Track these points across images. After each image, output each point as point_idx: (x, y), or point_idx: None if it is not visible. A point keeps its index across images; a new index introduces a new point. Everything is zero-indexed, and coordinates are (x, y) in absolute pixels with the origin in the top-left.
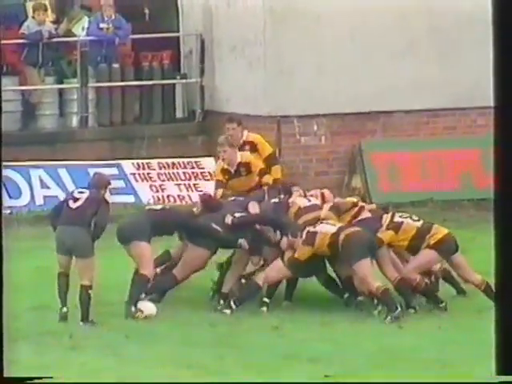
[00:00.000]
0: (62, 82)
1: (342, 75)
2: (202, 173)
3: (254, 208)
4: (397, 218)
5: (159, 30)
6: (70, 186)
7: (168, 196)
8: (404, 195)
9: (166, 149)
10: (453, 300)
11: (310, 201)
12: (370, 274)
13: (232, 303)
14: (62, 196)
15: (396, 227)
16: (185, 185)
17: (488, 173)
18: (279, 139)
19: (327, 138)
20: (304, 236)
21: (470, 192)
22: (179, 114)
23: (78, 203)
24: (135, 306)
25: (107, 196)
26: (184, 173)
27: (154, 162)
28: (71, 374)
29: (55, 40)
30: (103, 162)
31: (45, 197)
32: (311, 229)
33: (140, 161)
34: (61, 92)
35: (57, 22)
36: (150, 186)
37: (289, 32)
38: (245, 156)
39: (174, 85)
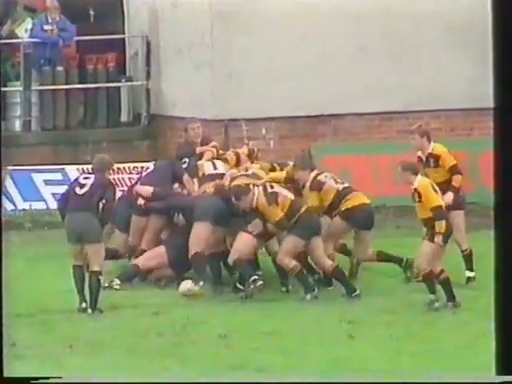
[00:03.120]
0: (4, 85)
1: (293, 78)
2: None
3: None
4: (320, 177)
5: (104, 32)
6: (13, 192)
7: None
8: (402, 199)
9: (110, 153)
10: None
11: (215, 168)
12: (289, 252)
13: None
14: (5, 202)
15: (318, 187)
16: None
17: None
18: (227, 143)
19: (276, 142)
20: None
21: None
22: (124, 117)
23: (85, 189)
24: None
25: (111, 178)
26: (129, 178)
27: None
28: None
29: None
30: (47, 166)
31: None
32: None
33: (84, 166)
34: (3, 95)
35: (0, 23)
36: None
37: (237, 34)
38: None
39: (119, 88)
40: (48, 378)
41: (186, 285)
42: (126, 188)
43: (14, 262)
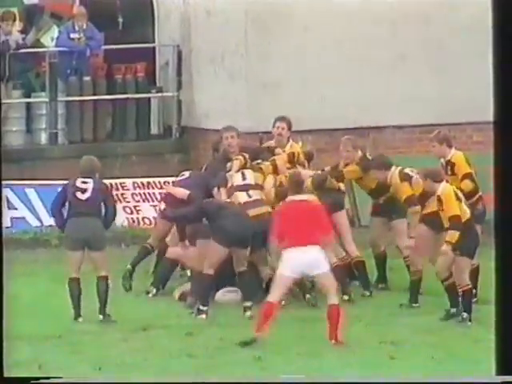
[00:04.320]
0: (29, 96)
1: (329, 88)
2: None
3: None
4: (406, 170)
5: (133, 41)
6: (39, 207)
7: (143, 218)
8: None
9: (140, 167)
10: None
11: (244, 178)
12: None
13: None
14: (29, 218)
15: (409, 178)
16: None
17: (490, 193)
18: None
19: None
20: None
21: None
22: (155, 130)
23: (87, 194)
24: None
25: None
26: (160, 193)
27: (129, 182)
28: None
29: (22, 51)
30: None
31: (12, 218)
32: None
33: (113, 180)
34: (28, 106)
35: (24, 31)
36: (124, 208)
37: (272, 42)
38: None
39: (149, 99)
40: (48, 378)
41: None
42: (156, 203)
43: (41, 280)
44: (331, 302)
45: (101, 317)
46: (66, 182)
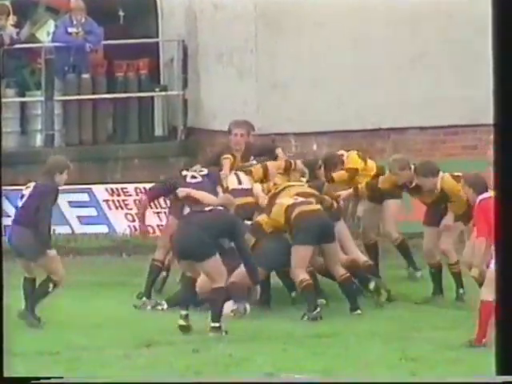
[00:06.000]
0: (24, 95)
1: (345, 87)
2: None
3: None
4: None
5: (136, 35)
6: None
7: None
8: (415, 225)
9: (143, 171)
10: None
11: (240, 182)
12: (300, 264)
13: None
14: None
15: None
16: (165, 213)
17: None
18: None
19: None
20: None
21: None
22: (158, 131)
23: (23, 200)
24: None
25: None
26: (164, 199)
27: (131, 187)
28: None
29: (17, 46)
30: (72, 186)
31: (5, 226)
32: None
33: (114, 185)
34: (23, 106)
35: (18, 25)
36: (126, 215)
37: (283, 38)
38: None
39: (152, 98)
40: (48, 378)
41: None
42: (161, 209)
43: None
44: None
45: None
46: (63, 187)
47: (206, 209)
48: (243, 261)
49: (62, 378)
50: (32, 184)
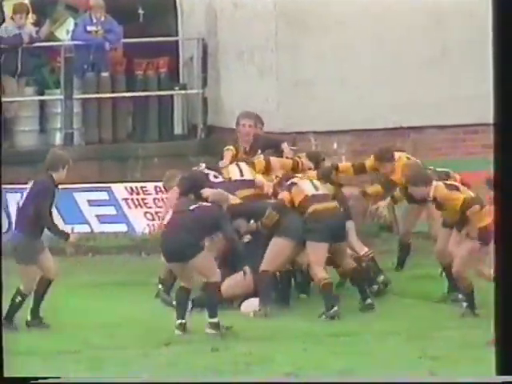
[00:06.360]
0: (43, 94)
1: (366, 86)
2: None
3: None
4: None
5: (155, 34)
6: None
7: None
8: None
9: (163, 170)
10: None
11: (242, 174)
12: (319, 262)
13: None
14: None
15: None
16: None
17: None
18: None
19: (349, 157)
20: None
21: None
22: (178, 130)
23: (21, 202)
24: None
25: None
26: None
27: (150, 186)
28: None
29: (36, 45)
30: (91, 185)
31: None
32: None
33: (133, 184)
34: (42, 105)
35: (38, 24)
36: (145, 213)
37: (304, 36)
38: None
39: (172, 96)
40: (48, 378)
41: (251, 306)
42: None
43: (54, 292)
44: None
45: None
46: (80, 185)
47: (191, 207)
48: (232, 250)
49: (60, 378)
50: (30, 183)
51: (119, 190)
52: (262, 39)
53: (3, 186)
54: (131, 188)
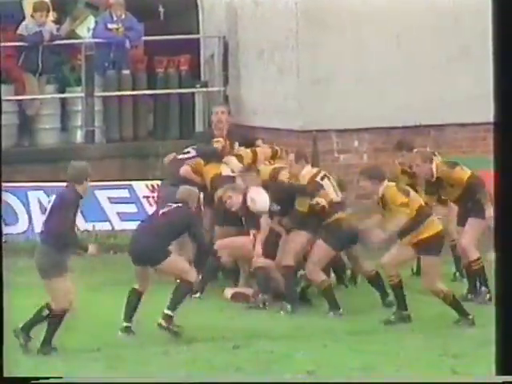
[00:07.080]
0: (64, 91)
1: (387, 84)
2: None
3: None
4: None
5: (176, 32)
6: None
7: None
8: None
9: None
10: None
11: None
12: (321, 264)
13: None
14: None
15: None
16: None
17: None
18: (316, 157)
19: (370, 155)
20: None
21: None
22: (199, 127)
23: (46, 213)
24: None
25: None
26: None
27: None
28: None
29: (57, 42)
30: (112, 182)
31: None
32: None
33: (154, 182)
34: (63, 102)
35: (59, 21)
36: None
37: (325, 34)
38: None
39: (193, 94)
40: (48, 378)
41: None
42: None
43: (75, 289)
44: None
45: None
46: (101, 183)
47: (161, 211)
48: (198, 252)
49: (61, 378)
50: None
51: (140, 187)
52: (283, 37)
53: (26, 184)
54: (152, 186)
